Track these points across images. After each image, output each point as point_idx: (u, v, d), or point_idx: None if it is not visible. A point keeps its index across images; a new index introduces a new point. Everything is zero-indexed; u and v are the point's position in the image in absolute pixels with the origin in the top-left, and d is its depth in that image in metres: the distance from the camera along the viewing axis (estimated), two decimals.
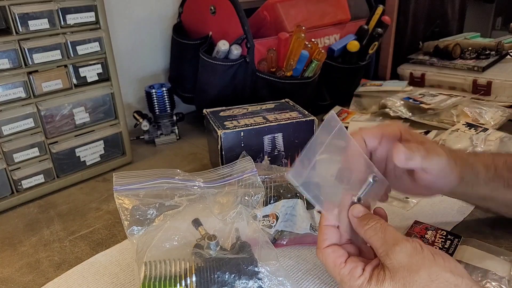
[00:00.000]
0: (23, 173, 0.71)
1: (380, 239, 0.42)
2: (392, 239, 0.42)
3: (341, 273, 0.43)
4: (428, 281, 0.39)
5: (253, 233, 0.48)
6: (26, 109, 0.69)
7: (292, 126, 0.68)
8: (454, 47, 1.15)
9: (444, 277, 0.39)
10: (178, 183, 0.51)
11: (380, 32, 1.00)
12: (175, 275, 0.42)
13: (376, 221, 0.44)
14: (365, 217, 0.45)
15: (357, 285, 0.41)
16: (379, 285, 0.40)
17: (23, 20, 0.65)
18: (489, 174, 0.51)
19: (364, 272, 0.42)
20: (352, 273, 0.42)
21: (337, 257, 0.43)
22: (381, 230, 0.43)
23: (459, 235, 0.56)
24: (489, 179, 0.51)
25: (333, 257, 0.44)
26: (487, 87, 1.04)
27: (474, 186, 0.51)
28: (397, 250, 0.40)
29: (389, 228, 0.43)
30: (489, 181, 0.51)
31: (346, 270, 0.42)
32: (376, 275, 0.41)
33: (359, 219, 0.45)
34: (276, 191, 0.56)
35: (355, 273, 0.42)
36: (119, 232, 0.62)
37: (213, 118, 0.71)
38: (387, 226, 0.44)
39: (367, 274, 0.42)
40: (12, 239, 0.63)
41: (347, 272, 0.42)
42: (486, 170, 0.51)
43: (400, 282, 0.39)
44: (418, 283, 0.39)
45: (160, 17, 1.03)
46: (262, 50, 0.88)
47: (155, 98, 0.92)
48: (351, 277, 0.42)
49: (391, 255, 0.41)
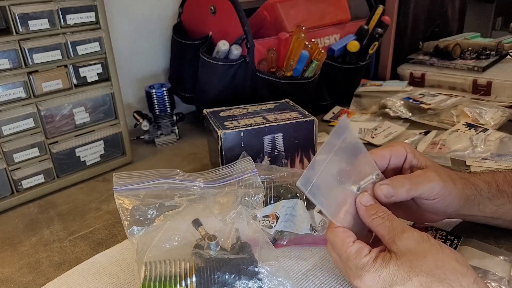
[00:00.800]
0: (23, 173, 0.71)
1: (387, 227, 0.43)
2: (399, 228, 0.43)
3: (348, 250, 0.43)
4: (434, 267, 0.39)
5: (253, 233, 0.48)
6: (26, 109, 0.69)
7: (292, 126, 0.68)
8: (454, 47, 1.15)
9: (450, 265, 0.39)
10: (178, 183, 0.51)
11: (380, 32, 1.00)
12: (175, 275, 0.42)
13: (384, 211, 0.45)
14: (373, 206, 0.46)
15: (362, 263, 0.42)
16: (384, 265, 0.41)
17: (23, 20, 0.65)
18: (492, 190, 0.51)
19: (371, 253, 0.43)
20: (358, 252, 0.43)
21: (346, 237, 0.44)
22: (388, 219, 0.44)
23: (459, 235, 0.56)
24: (493, 195, 0.51)
25: (343, 236, 0.44)
26: (487, 87, 1.04)
27: (480, 204, 0.52)
28: (405, 236, 0.41)
29: (396, 219, 0.44)
30: (493, 198, 0.51)
31: (353, 248, 0.43)
32: (382, 256, 0.42)
33: (367, 207, 0.46)
34: (276, 191, 0.56)
35: (362, 252, 0.43)
36: (119, 232, 0.62)
37: (213, 118, 0.71)
38: (394, 216, 0.44)
39: (373, 254, 0.42)
40: (12, 239, 0.63)
41: (354, 251, 0.43)
42: (488, 186, 0.52)
43: (406, 264, 0.40)
44: (424, 268, 0.39)
45: (160, 17, 1.03)
46: (262, 50, 0.88)
47: (155, 98, 0.92)
48: (357, 255, 0.42)
49: (398, 241, 0.41)
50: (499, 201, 0.52)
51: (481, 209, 0.52)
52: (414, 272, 0.39)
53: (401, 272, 0.40)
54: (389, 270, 0.40)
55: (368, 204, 0.46)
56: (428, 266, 0.39)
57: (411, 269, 0.39)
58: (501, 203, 0.52)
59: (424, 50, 1.24)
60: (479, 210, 0.52)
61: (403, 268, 0.40)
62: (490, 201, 0.52)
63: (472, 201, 0.51)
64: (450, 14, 1.39)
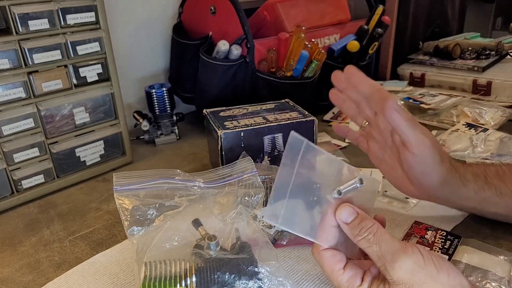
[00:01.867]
0: (23, 173, 0.71)
1: (376, 253, 0.40)
2: (389, 254, 0.39)
3: (339, 279, 0.41)
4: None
5: (253, 233, 0.48)
6: (26, 109, 0.69)
7: (292, 126, 0.68)
8: (454, 47, 1.15)
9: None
10: (178, 183, 0.51)
11: (380, 32, 1.00)
12: (175, 276, 0.42)
13: (368, 231, 0.41)
14: (356, 223, 0.41)
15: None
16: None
17: (23, 20, 0.65)
18: (479, 182, 0.52)
19: (363, 283, 0.41)
20: (350, 282, 0.41)
21: (335, 263, 0.42)
22: (375, 242, 0.40)
23: (459, 235, 0.56)
24: (479, 188, 0.52)
25: (332, 262, 0.42)
26: (487, 87, 1.04)
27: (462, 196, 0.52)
28: (397, 266, 0.38)
29: (385, 238, 0.40)
30: (479, 191, 0.52)
31: (344, 277, 0.41)
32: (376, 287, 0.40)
33: (349, 226, 0.42)
34: None
35: (354, 282, 0.41)
36: (119, 232, 0.62)
37: (213, 118, 0.71)
38: (382, 235, 0.40)
39: (366, 285, 0.40)
40: (12, 239, 0.63)
41: (345, 280, 0.41)
42: (475, 179, 0.52)
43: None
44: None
45: (160, 17, 1.03)
46: (262, 50, 0.88)
47: (155, 98, 0.92)
48: (348, 285, 0.41)
49: (391, 271, 0.39)
50: (485, 194, 0.52)
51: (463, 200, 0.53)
52: None
53: None
54: None
55: (349, 220, 0.41)
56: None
57: None
58: (487, 196, 0.52)
59: (424, 50, 1.24)
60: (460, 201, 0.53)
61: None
62: (476, 194, 0.52)
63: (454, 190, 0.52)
64: (450, 14, 1.39)
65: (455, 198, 0.53)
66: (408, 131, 0.48)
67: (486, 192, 0.52)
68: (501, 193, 0.51)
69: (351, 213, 0.42)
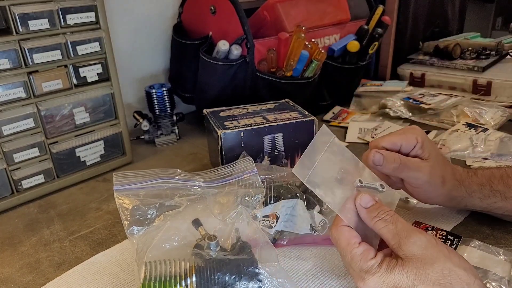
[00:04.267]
0: (23, 173, 0.71)
1: (392, 231, 0.42)
2: (404, 231, 0.41)
3: (353, 252, 0.42)
4: (440, 275, 0.38)
5: (253, 233, 0.48)
6: (26, 109, 0.69)
7: (292, 126, 0.68)
8: (454, 47, 1.15)
9: (457, 274, 0.38)
10: (178, 183, 0.51)
11: (380, 32, 1.00)
12: (175, 276, 0.42)
13: (386, 213, 0.44)
14: (374, 207, 0.44)
15: (367, 267, 0.41)
16: (389, 271, 0.40)
17: (23, 20, 0.65)
18: (484, 191, 0.54)
19: (376, 257, 0.42)
20: (364, 254, 0.42)
21: (352, 237, 0.43)
22: (392, 222, 0.43)
23: (459, 235, 0.56)
24: (484, 196, 0.54)
25: (348, 236, 0.43)
26: (487, 87, 1.04)
27: (468, 203, 0.56)
28: (411, 242, 0.40)
29: (401, 220, 0.43)
30: (484, 198, 0.54)
31: (359, 250, 0.42)
32: (388, 261, 0.41)
33: (368, 210, 0.44)
34: (276, 191, 0.56)
35: (368, 255, 0.42)
36: (119, 232, 0.62)
37: (213, 118, 0.71)
38: (398, 217, 0.43)
39: (379, 258, 0.41)
40: (12, 239, 0.63)
41: (359, 253, 0.42)
42: (481, 188, 0.54)
43: (412, 272, 0.39)
44: (431, 276, 0.38)
45: (160, 17, 1.03)
46: (262, 50, 0.88)
47: (155, 98, 0.92)
48: (362, 258, 0.42)
49: (403, 246, 0.40)
50: (490, 200, 0.54)
51: (469, 205, 0.56)
52: (419, 280, 0.39)
53: (406, 279, 0.39)
54: (394, 276, 0.40)
55: (368, 205, 0.44)
56: (434, 275, 0.38)
57: (416, 276, 0.39)
58: (492, 202, 0.54)
59: (424, 50, 1.24)
60: (466, 206, 0.57)
61: (409, 276, 0.39)
62: (481, 201, 0.55)
63: (460, 201, 0.55)
64: (450, 14, 1.39)
65: (462, 206, 0.57)
66: (399, 174, 0.52)
67: (491, 199, 0.54)
68: (505, 197, 0.53)
69: (370, 200, 0.45)
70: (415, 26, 1.26)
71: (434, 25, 1.34)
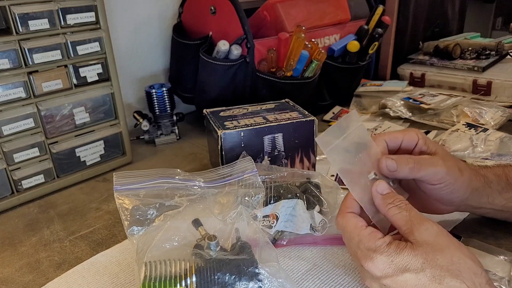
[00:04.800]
0: (23, 173, 0.71)
1: (405, 217, 0.42)
2: (417, 218, 0.42)
3: (361, 233, 0.42)
4: (449, 263, 0.39)
5: (253, 233, 0.48)
6: (26, 109, 0.69)
7: (292, 126, 0.68)
8: (454, 47, 1.15)
9: (466, 263, 0.39)
10: (178, 183, 0.51)
11: (380, 32, 1.00)
12: (175, 276, 0.42)
13: (401, 201, 0.44)
14: (390, 195, 0.45)
15: (375, 246, 0.41)
16: (399, 251, 0.40)
17: (23, 20, 0.65)
18: (502, 183, 0.52)
19: (385, 237, 0.42)
20: (372, 235, 0.42)
21: (359, 221, 0.44)
22: (406, 209, 0.43)
23: (459, 235, 0.56)
24: (502, 188, 0.52)
25: (355, 221, 0.44)
26: (487, 87, 1.04)
27: (489, 196, 0.52)
28: (423, 228, 0.41)
29: (414, 209, 0.43)
30: (502, 191, 0.52)
31: (366, 231, 0.42)
32: (397, 243, 0.41)
33: (383, 196, 0.45)
34: (276, 191, 0.56)
35: (376, 235, 0.42)
36: (119, 232, 0.62)
37: (213, 118, 0.71)
38: (412, 207, 0.44)
39: (387, 239, 0.41)
40: (12, 239, 0.63)
41: (367, 233, 0.42)
42: (498, 179, 0.52)
43: (422, 256, 0.39)
44: (440, 261, 0.39)
45: (160, 17, 1.03)
46: (262, 50, 0.88)
47: (155, 98, 0.92)
48: (370, 238, 0.42)
49: (415, 232, 0.41)
50: (508, 195, 0.52)
51: (490, 201, 0.52)
52: (428, 264, 0.39)
53: (415, 261, 0.39)
54: (403, 257, 0.40)
55: (385, 192, 0.45)
56: (444, 260, 0.39)
57: (426, 260, 0.39)
58: (510, 196, 0.52)
59: (424, 50, 1.24)
60: (488, 203, 0.53)
61: (418, 259, 0.39)
62: (500, 194, 0.52)
63: (481, 193, 0.52)
64: (450, 14, 1.39)
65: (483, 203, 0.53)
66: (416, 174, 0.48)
67: (509, 193, 0.52)
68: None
69: (387, 187, 0.46)
70: (415, 26, 1.26)
71: (434, 25, 1.34)
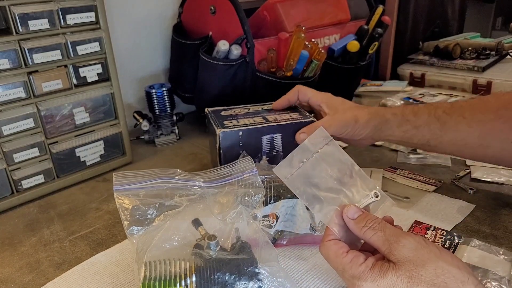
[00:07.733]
0: (23, 173, 0.71)
1: (381, 238, 0.42)
2: (393, 236, 0.42)
3: (343, 261, 0.42)
4: (434, 275, 0.38)
5: (253, 233, 0.48)
6: (26, 109, 0.69)
7: (292, 127, 0.68)
8: (454, 47, 1.15)
9: (451, 273, 0.38)
10: (178, 183, 0.51)
11: (380, 32, 1.00)
12: (175, 275, 0.42)
13: (373, 221, 0.44)
14: (361, 217, 0.45)
15: (359, 272, 0.41)
16: (382, 275, 0.40)
17: (23, 20, 0.65)
18: (398, 119, 0.62)
19: (366, 261, 0.42)
20: (353, 261, 0.42)
21: (339, 248, 0.44)
22: (380, 229, 0.43)
23: (459, 235, 0.56)
24: (399, 123, 0.62)
25: (335, 248, 0.44)
26: (487, 87, 1.04)
27: (389, 129, 0.63)
28: (401, 245, 0.40)
29: (388, 226, 0.43)
30: (399, 125, 0.62)
31: (347, 258, 0.42)
32: (380, 265, 0.41)
33: (355, 221, 0.45)
34: (276, 191, 0.56)
35: (357, 261, 0.42)
36: (119, 232, 0.62)
37: (214, 117, 0.71)
38: (386, 224, 0.43)
39: (369, 263, 0.41)
40: (12, 239, 0.63)
41: (349, 261, 0.42)
42: (394, 117, 0.62)
43: (405, 275, 0.39)
44: (424, 277, 0.38)
45: (160, 17, 1.03)
46: (262, 50, 0.88)
47: (155, 98, 0.92)
48: (352, 265, 0.42)
49: (394, 251, 0.40)
50: (404, 128, 0.62)
51: (391, 133, 0.63)
52: (413, 282, 0.38)
53: (400, 282, 0.39)
54: (387, 280, 0.39)
55: (356, 216, 0.45)
56: (428, 275, 0.38)
57: (410, 279, 0.39)
58: (406, 129, 0.62)
59: (424, 50, 1.24)
60: (390, 135, 0.63)
61: (402, 279, 0.39)
62: (398, 128, 0.62)
63: (382, 128, 0.63)
64: (450, 14, 1.39)
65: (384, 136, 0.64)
66: None
67: (404, 126, 0.62)
68: (416, 126, 0.61)
69: (356, 211, 0.46)
70: (415, 26, 1.26)
71: (434, 25, 1.34)
